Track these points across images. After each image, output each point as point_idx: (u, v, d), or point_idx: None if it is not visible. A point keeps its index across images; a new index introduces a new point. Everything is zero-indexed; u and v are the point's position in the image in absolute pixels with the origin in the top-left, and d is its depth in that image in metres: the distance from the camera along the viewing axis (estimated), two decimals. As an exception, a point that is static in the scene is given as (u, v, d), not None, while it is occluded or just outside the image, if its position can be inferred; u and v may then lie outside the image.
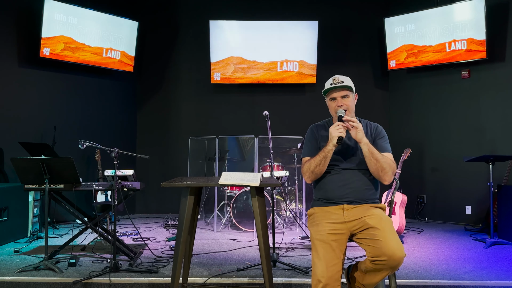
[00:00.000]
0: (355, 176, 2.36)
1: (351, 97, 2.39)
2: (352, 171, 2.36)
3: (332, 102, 2.39)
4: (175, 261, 2.58)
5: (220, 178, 2.59)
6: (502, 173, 5.01)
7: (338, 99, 2.36)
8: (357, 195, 2.33)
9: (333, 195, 2.34)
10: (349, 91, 2.37)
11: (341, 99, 2.36)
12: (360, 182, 2.35)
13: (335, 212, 2.30)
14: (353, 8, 6.69)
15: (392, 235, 2.10)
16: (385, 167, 2.23)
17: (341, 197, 2.33)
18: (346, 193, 2.32)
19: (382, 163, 2.23)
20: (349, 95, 2.38)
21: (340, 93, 2.37)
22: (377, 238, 2.08)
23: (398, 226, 4.41)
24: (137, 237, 4.74)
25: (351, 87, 2.37)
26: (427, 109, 6.16)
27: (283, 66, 6.61)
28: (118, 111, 6.60)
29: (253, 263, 3.64)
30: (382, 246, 2.05)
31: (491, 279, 3.21)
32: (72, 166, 3.50)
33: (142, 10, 6.77)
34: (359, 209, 2.29)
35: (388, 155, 2.33)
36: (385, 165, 2.23)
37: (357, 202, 2.33)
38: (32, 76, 5.70)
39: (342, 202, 2.32)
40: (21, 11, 5.62)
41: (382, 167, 2.23)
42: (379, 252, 2.06)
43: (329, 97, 2.40)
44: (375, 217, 2.19)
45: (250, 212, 5.09)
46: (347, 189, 2.33)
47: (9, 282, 3.18)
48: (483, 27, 5.39)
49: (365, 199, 2.34)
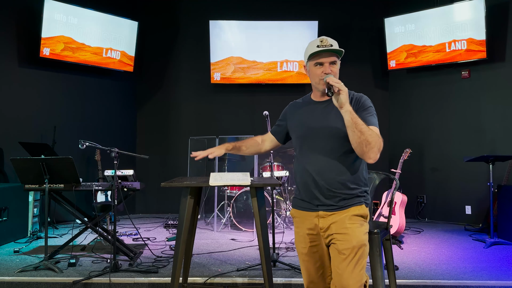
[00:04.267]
0: (327, 163, 1.90)
1: (338, 65, 1.95)
2: (323, 156, 1.91)
3: (317, 68, 1.90)
4: (175, 261, 2.58)
5: (210, 179, 2.59)
6: (502, 173, 5.01)
7: (325, 65, 1.89)
8: (333, 194, 1.90)
9: (305, 194, 1.96)
10: (337, 58, 1.93)
11: (329, 65, 1.90)
12: (334, 172, 1.90)
13: (311, 219, 1.95)
14: (353, 8, 6.69)
15: (353, 268, 1.83)
16: (371, 141, 1.76)
17: (313, 198, 1.93)
18: (318, 191, 1.91)
19: (367, 135, 1.76)
20: (336, 62, 1.93)
21: (329, 58, 1.90)
22: (337, 269, 1.85)
23: (398, 226, 4.41)
24: (137, 237, 4.74)
25: (341, 52, 1.92)
26: (427, 109, 6.16)
27: (283, 66, 6.61)
28: (118, 111, 6.60)
29: (253, 263, 3.64)
30: (339, 280, 1.85)
31: (491, 279, 3.21)
32: (72, 166, 3.51)
33: (142, 10, 6.77)
34: (336, 219, 1.89)
35: (374, 128, 1.85)
36: (370, 138, 1.76)
37: (333, 206, 1.90)
38: (32, 76, 5.70)
39: (316, 208, 1.93)
40: (21, 11, 5.62)
41: (367, 140, 1.76)
42: (336, 282, 1.87)
43: (315, 62, 1.91)
44: (345, 241, 1.85)
45: (250, 212, 5.09)
46: (319, 184, 1.90)
47: (9, 282, 3.18)
48: (483, 27, 5.39)
49: (345, 200, 1.90)
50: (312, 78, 1.95)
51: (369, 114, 1.90)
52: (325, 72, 1.88)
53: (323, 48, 1.88)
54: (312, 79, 1.96)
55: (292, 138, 2.08)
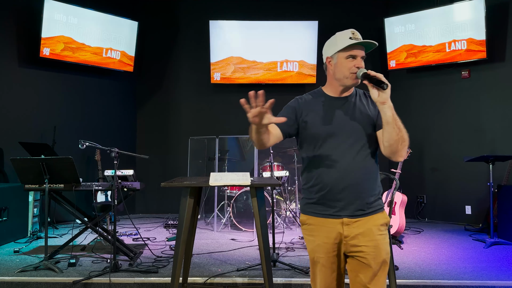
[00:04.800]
0: (355, 162, 1.75)
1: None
2: (352, 156, 1.75)
3: (349, 61, 1.75)
4: (175, 261, 2.58)
5: (210, 179, 2.59)
6: (502, 173, 5.01)
7: (359, 59, 1.75)
8: (360, 198, 1.74)
9: (325, 198, 1.76)
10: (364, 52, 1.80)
11: (361, 60, 1.76)
12: (362, 173, 1.75)
13: (333, 227, 1.75)
14: (353, 8, 6.69)
15: (380, 280, 1.74)
16: (406, 138, 1.70)
17: (336, 202, 1.75)
18: (345, 193, 1.73)
19: (403, 132, 1.68)
20: (364, 58, 1.79)
21: (361, 52, 1.77)
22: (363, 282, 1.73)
23: (398, 226, 4.41)
24: (137, 237, 4.74)
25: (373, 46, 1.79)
26: (427, 109, 6.16)
27: (283, 66, 6.61)
28: (118, 111, 6.60)
29: (253, 263, 3.64)
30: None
31: (491, 279, 3.21)
32: (72, 166, 3.51)
33: (142, 10, 6.77)
34: (363, 228, 1.74)
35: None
36: (405, 135, 1.69)
37: (360, 211, 1.74)
38: (32, 76, 5.70)
39: (339, 213, 1.75)
40: (21, 11, 5.62)
41: (403, 137, 1.68)
42: None
43: (348, 54, 1.75)
44: (375, 254, 1.71)
45: (250, 212, 5.09)
46: (346, 185, 1.73)
47: (9, 282, 3.18)
48: (483, 27, 5.39)
49: (369, 204, 1.75)
50: (341, 71, 1.77)
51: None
52: (358, 66, 1.74)
53: (360, 41, 1.75)
54: (339, 72, 1.78)
55: (306, 135, 1.84)
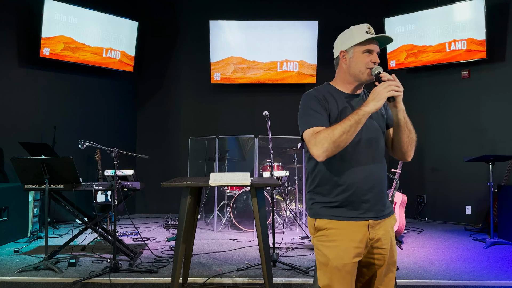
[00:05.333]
0: (376, 162, 1.72)
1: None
2: (373, 155, 1.71)
3: (366, 56, 1.71)
4: (175, 261, 2.58)
5: (210, 179, 2.59)
6: (502, 173, 5.01)
7: (375, 54, 1.72)
8: (382, 198, 1.71)
9: (348, 199, 1.67)
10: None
11: (377, 56, 1.74)
12: (382, 173, 1.74)
13: (359, 230, 1.66)
14: (353, 8, 6.68)
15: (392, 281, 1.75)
16: (415, 139, 1.76)
17: (362, 203, 1.67)
18: (371, 194, 1.67)
19: (413, 134, 1.74)
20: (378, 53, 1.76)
21: (377, 48, 1.74)
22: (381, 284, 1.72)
23: (398, 226, 4.41)
24: (137, 237, 4.74)
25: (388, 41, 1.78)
26: (427, 109, 6.16)
27: (283, 66, 6.61)
28: (118, 111, 6.60)
29: (253, 263, 3.64)
30: None
31: (491, 279, 3.21)
32: (72, 166, 3.51)
33: (142, 10, 6.77)
34: (384, 229, 1.71)
35: None
36: (415, 136, 1.76)
37: (382, 212, 1.71)
38: (32, 76, 5.70)
39: (364, 215, 1.67)
40: (21, 11, 5.62)
41: (413, 139, 1.74)
42: None
43: (365, 49, 1.71)
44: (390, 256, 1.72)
45: (250, 212, 5.09)
46: (372, 185, 1.68)
47: (9, 282, 3.18)
48: (483, 27, 5.39)
49: (387, 204, 1.75)
50: (357, 65, 1.72)
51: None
52: (374, 61, 1.70)
53: (378, 35, 1.71)
54: (355, 66, 1.72)
55: None
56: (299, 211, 5.58)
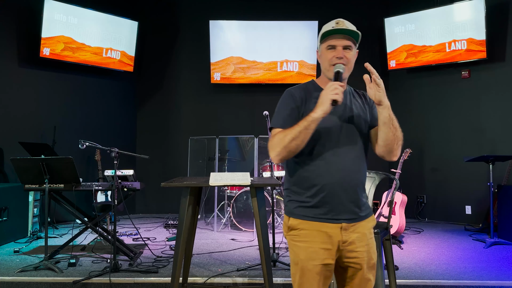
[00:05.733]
0: (354, 162, 1.67)
1: (354, 52, 1.70)
2: (350, 157, 1.66)
3: (330, 51, 1.67)
4: (175, 261, 2.58)
5: (210, 179, 2.59)
6: (502, 173, 5.01)
7: (338, 49, 1.65)
8: (357, 200, 1.66)
9: (323, 200, 1.63)
10: (353, 42, 1.69)
11: (343, 50, 1.66)
12: (359, 175, 1.68)
13: (331, 232, 1.63)
14: (353, 8, 6.68)
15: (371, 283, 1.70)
16: (401, 137, 1.67)
17: (338, 204, 1.63)
18: (346, 195, 1.63)
19: (399, 132, 1.65)
20: (352, 48, 1.68)
21: (343, 42, 1.66)
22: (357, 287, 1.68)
23: (398, 226, 4.41)
24: (137, 237, 4.74)
25: (358, 36, 1.68)
26: (427, 109, 6.16)
27: (283, 66, 6.61)
28: (118, 111, 6.60)
29: (253, 263, 3.64)
30: None
31: (491, 279, 3.21)
32: (72, 166, 3.51)
33: (142, 10, 6.77)
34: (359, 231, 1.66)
35: None
36: (401, 134, 1.67)
37: (356, 215, 1.66)
38: (32, 76, 5.70)
39: (338, 217, 1.63)
40: (21, 11, 5.62)
41: (399, 137, 1.65)
42: None
43: (327, 45, 1.67)
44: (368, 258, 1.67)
45: (250, 212, 5.09)
46: (348, 186, 1.63)
47: (9, 282, 3.18)
48: (483, 27, 5.39)
49: (363, 207, 1.69)
50: (323, 63, 1.71)
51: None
52: (337, 56, 1.64)
53: (337, 28, 1.65)
54: (322, 64, 1.72)
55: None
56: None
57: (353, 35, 1.67)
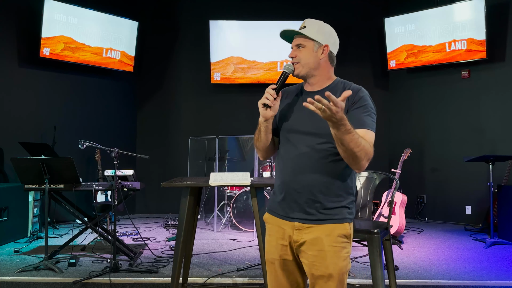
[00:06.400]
0: (310, 162, 1.60)
1: (309, 48, 1.66)
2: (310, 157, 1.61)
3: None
4: (175, 261, 2.58)
5: (210, 179, 2.59)
6: (502, 173, 5.01)
7: (292, 49, 1.71)
8: (314, 202, 1.60)
9: (282, 197, 1.66)
10: (305, 39, 1.66)
11: (295, 49, 1.70)
12: (321, 177, 1.60)
13: (286, 229, 1.65)
14: (353, 8, 6.69)
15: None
16: (359, 155, 1.48)
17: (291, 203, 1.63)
18: (297, 194, 1.62)
19: (352, 152, 1.47)
20: (304, 45, 1.66)
21: (294, 41, 1.70)
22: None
23: (398, 226, 4.41)
24: (137, 237, 4.74)
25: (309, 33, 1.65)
26: (427, 109, 6.16)
27: (283, 66, 6.60)
28: (118, 111, 6.60)
29: (253, 263, 3.64)
30: None
31: (491, 279, 3.21)
32: (72, 166, 3.51)
33: (142, 10, 6.77)
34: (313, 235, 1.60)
35: (364, 133, 1.54)
36: (359, 153, 1.48)
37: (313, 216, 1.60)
38: (32, 76, 5.70)
39: (292, 215, 1.63)
40: (21, 11, 5.62)
41: (352, 156, 1.49)
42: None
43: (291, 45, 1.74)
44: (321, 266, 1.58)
45: (250, 212, 5.09)
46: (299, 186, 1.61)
47: (9, 282, 3.18)
48: (483, 27, 5.39)
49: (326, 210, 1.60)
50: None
51: (365, 112, 1.59)
52: (290, 56, 1.70)
53: (281, 31, 1.72)
54: None
55: (275, 129, 1.79)
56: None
57: (297, 34, 1.68)
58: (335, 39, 1.73)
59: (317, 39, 1.66)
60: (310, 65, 1.68)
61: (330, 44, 1.69)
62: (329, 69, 1.73)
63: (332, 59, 1.72)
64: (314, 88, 1.72)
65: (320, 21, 1.72)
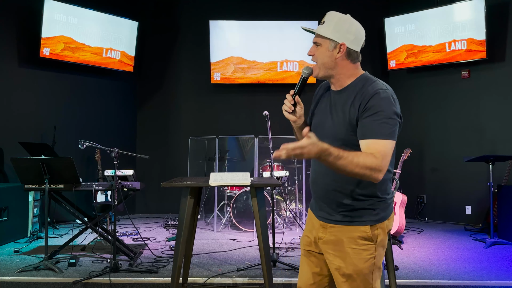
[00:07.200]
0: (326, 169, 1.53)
1: (325, 47, 1.64)
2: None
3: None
4: (175, 261, 2.58)
5: (210, 179, 2.59)
6: (502, 173, 5.01)
7: (312, 46, 1.71)
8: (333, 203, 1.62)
9: (316, 195, 1.72)
10: (321, 38, 1.66)
11: (313, 46, 1.70)
12: (338, 175, 1.51)
13: (315, 224, 1.71)
14: (353, 8, 6.64)
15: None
16: (363, 173, 1.42)
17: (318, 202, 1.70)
18: (317, 194, 1.70)
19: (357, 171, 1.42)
20: (320, 43, 1.65)
21: (314, 39, 1.71)
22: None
23: (398, 226, 4.41)
24: (137, 237, 4.74)
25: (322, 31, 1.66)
26: (427, 109, 6.16)
27: (283, 66, 6.61)
28: (118, 111, 6.60)
29: (253, 263, 3.64)
30: None
31: (491, 279, 3.21)
32: (72, 166, 3.51)
33: (142, 10, 6.76)
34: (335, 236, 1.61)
35: (371, 144, 1.47)
36: (361, 171, 1.41)
37: (334, 217, 1.62)
38: (32, 76, 5.70)
39: (320, 215, 1.68)
40: (21, 11, 5.62)
41: (358, 175, 1.44)
42: None
43: None
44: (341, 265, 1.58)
45: (250, 212, 5.09)
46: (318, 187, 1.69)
47: (9, 282, 3.18)
48: (483, 27, 5.39)
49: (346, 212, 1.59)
50: None
51: (377, 120, 1.51)
52: (308, 54, 1.70)
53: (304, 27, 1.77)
54: None
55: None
56: (299, 211, 5.58)
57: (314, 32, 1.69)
58: (356, 34, 1.66)
59: (332, 38, 1.63)
60: (326, 65, 1.65)
61: (349, 41, 1.63)
62: (349, 67, 1.66)
63: (352, 56, 1.65)
64: (336, 87, 1.70)
65: (342, 15, 1.68)
